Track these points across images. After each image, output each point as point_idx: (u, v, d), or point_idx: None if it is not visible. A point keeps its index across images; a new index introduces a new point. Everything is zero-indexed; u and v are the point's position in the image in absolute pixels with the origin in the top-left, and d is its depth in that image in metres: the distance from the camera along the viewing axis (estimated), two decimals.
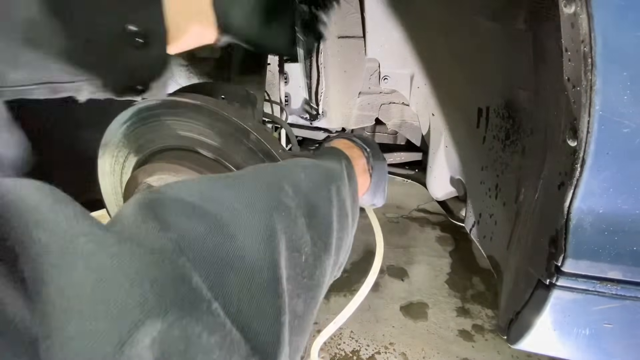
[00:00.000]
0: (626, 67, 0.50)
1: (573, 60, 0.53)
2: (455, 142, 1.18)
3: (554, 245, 0.63)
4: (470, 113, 1.08)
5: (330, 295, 1.57)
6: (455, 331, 1.42)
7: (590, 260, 0.61)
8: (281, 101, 1.39)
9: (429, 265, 1.78)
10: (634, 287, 0.62)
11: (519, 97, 0.89)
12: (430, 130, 1.25)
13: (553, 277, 0.64)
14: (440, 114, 1.18)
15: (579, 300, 0.64)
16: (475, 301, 1.56)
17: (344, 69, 1.35)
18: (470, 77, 1.06)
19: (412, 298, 1.57)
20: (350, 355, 1.32)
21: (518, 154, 0.90)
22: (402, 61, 1.20)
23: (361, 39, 1.26)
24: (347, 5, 1.25)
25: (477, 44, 1.00)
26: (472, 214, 1.15)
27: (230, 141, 0.89)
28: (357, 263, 1.76)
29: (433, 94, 1.19)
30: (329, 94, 1.41)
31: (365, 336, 1.39)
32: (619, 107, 0.51)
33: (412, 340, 1.38)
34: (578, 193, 0.58)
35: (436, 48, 1.13)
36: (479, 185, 1.10)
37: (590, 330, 0.67)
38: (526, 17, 0.80)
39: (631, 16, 0.47)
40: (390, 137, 1.65)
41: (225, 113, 0.86)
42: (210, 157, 0.92)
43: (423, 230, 2.08)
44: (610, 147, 0.54)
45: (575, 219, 0.60)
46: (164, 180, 0.90)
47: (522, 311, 0.72)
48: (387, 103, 1.42)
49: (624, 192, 0.57)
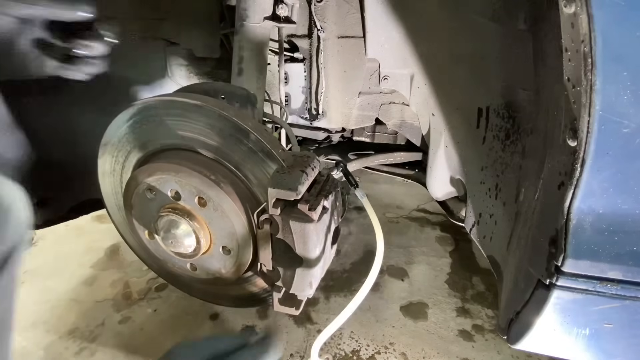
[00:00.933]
0: (626, 67, 0.50)
1: (573, 60, 0.53)
2: (455, 142, 1.18)
3: (554, 245, 0.63)
4: (470, 113, 1.08)
5: (330, 295, 1.57)
6: (455, 331, 1.42)
7: (590, 260, 0.61)
8: (281, 101, 1.39)
9: (429, 265, 1.78)
10: (634, 287, 0.62)
11: (519, 97, 0.89)
12: (430, 130, 1.25)
13: (553, 277, 0.64)
14: (440, 114, 1.18)
15: (579, 300, 0.64)
16: (475, 301, 1.56)
17: (344, 69, 1.36)
18: (470, 77, 1.06)
19: (412, 298, 1.57)
20: (350, 355, 1.32)
21: (518, 154, 0.90)
22: (402, 61, 1.20)
23: (361, 39, 1.26)
24: (347, 5, 1.25)
25: (477, 44, 1.00)
26: (472, 214, 1.15)
27: (230, 141, 0.89)
28: (357, 263, 1.76)
29: (433, 94, 1.19)
30: (329, 94, 1.41)
31: (365, 336, 1.39)
32: (619, 107, 0.51)
33: (412, 340, 1.38)
34: (578, 193, 0.58)
35: (436, 48, 1.13)
36: (479, 185, 1.10)
37: (590, 330, 0.67)
38: (526, 17, 0.80)
39: (631, 16, 0.47)
40: (390, 137, 1.65)
41: (225, 113, 0.86)
42: (210, 157, 0.92)
43: (423, 230, 2.08)
44: (610, 147, 0.54)
45: (575, 219, 0.60)
46: (164, 180, 0.91)
47: (522, 311, 0.72)
48: (387, 103, 1.42)
49: (624, 192, 0.57)
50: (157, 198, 0.93)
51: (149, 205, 0.95)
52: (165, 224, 0.90)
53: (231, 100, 1.05)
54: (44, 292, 1.61)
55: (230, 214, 0.87)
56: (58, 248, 1.91)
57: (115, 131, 0.99)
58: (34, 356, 1.31)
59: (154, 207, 0.94)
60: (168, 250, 0.95)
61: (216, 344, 0.63)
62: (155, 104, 0.92)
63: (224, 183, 0.88)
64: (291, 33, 1.36)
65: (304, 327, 1.43)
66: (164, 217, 0.90)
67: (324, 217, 0.83)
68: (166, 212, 0.90)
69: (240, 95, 1.07)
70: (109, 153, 1.03)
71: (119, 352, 1.32)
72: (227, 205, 0.87)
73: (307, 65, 1.39)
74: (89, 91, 1.28)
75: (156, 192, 0.92)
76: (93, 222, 2.11)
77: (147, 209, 0.96)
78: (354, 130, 1.68)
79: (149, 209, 0.95)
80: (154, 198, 0.93)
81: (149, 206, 0.95)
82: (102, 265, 1.77)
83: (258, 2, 1.07)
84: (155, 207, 0.94)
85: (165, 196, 0.92)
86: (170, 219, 0.90)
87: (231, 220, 0.88)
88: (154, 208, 0.94)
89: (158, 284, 1.63)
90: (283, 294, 0.92)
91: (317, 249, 0.82)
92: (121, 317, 1.47)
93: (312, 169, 0.85)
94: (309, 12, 1.29)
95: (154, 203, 0.94)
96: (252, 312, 1.49)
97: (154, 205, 0.94)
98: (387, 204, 2.35)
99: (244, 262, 0.92)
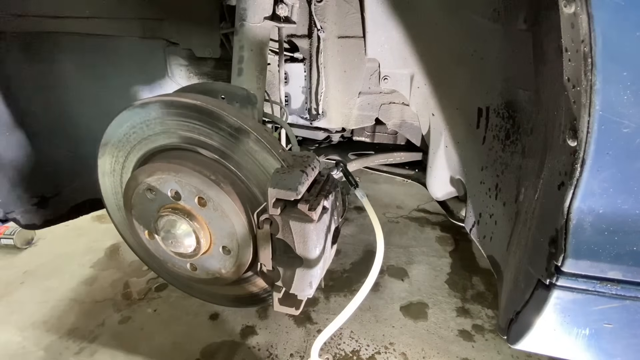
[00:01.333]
0: (626, 67, 0.50)
1: (573, 60, 0.53)
2: (455, 142, 1.18)
3: (554, 245, 0.63)
4: (470, 113, 1.08)
5: (330, 295, 1.57)
6: (455, 331, 1.42)
7: (590, 260, 0.61)
8: (281, 101, 1.39)
9: (429, 265, 1.78)
10: (634, 287, 0.62)
11: (519, 97, 0.89)
12: (430, 130, 1.25)
13: (553, 277, 0.64)
14: (440, 114, 1.18)
15: (579, 300, 0.64)
16: (475, 301, 1.56)
17: (344, 69, 1.35)
18: (470, 77, 1.06)
19: (412, 298, 1.57)
20: (350, 355, 1.32)
21: (518, 154, 0.90)
22: (402, 61, 1.20)
23: (361, 39, 1.26)
24: (347, 5, 1.25)
25: (477, 44, 1.00)
26: (472, 214, 1.15)
27: (230, 141, 0.89)
28: (357, 263, 1.76)
29: (433, 94, 1.19)
30: (329, 94, 1.41)
31: (365, 336, 1.39)
32: (619, 107, 0.51)
33: (412, 340, 1.38)
34: (578, 193, 0.58)
35: (436, 48, 1.13)
36: (479, 185, 1.10)
37: (590, 330, 0.67)
38: (526, 17, 0.80)
39: (631, 16, 0.47)
40: (390, 137, 1.65)
41: (225, 113, 0.86)
42: (210, 157, 0.92)
43: (423, 230, 2.08)
44: (610, 147, 0.54)
45: (575, 219, 0.60)
46: (164, 180, 0.91)
47: (522, 311, 0.72)
48: (387, 103, 1.42)
49: (624, 192, 0.57)
50: (157, 198, 0.93)
51: (149, 205, 0.95)
52: (165, 224, 0.90)
53: (231, 100, 1.05)
54: (44, 292, 1.61)
55: (230, 214, 0.87)
56: (58, 248, 1.91)
57: (115, 131, 0.99)
58: (34, 356, 1.31)
59: (154, 207, 0.94)
60: (168, 250, 0.95)
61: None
62: (156, 104, 0.92)
63: (224, 183, 0.88)
64: (291, 33, 1.36)
65: (304, 327, 1.43)
66: (164, 217, 0.90)
67: (324, 217, 0.82)
68: (166, 212, 0.90)
69: (240, 95, 1.07)
70: (109, 153, 1.03)
71: (119, 352, 1.32)
72: (227, 205, 0.87)
73: (307, 65, 1.39)
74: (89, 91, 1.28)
75: (156, 192, 0.92)
76: (93, 222, 2.11)
77: (147, 209, 0.96)
78: (354, 130, 1.68)
79: (149, 209, 0.95)
80: (154, 198, 0.93)
81: (149, 206, 0.95)
82: (102, 265, 1.78)
83: (258, 2, 1.07)
84: (155, 207, 0.94)
85: (165, 196, 0.92)
86: (171, 219, 0.90)
87: (231, 220, 0.88)
88: (154, 208, 0.94)
89: (158, 284, 1.64)
90: (283, 294, 0.92)
91: (317, 249, 0.82)
92: (121, 317, 1.47)
93: (312, 169, 0.85)
94: (309, 12, 1.29)
95: (154, 203, 0.94)
96: (252, 312, 1.49)
97: (154, 205, 0.94)
98: (387, 204, 2.35)
99: (244, 262, 0.92)
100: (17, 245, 1.89)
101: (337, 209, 0.95)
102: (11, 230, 1.89)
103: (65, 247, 1.92)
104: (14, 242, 1.88)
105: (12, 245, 1.88)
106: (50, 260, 1.83)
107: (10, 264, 1.81)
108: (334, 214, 0.91)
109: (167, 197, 0.91)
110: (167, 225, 0.90)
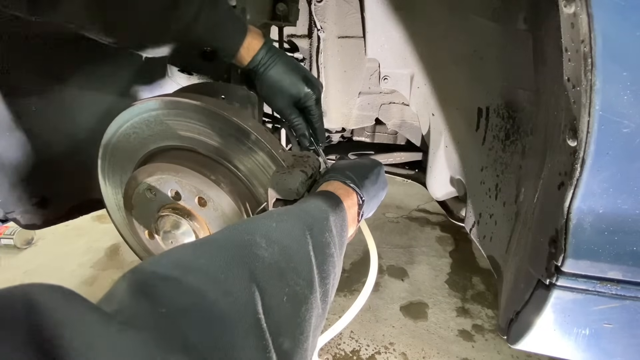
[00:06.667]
0: (626, 67, 0.50)
1: (573, 60, 0.53)
2: (455, 142, 1.18)
3: (554, 245, 0.63)
4: (470, 113, 1.08)
5: None
6: (455, 331, 1.42)
7: (590, 260, 0.61)
8: None
9: (429, 265, 1.78)
10: (634, 287, 0.62)
11: (519, 97, 0.89)
12: (430, 130, 1.25)
13: (553, 277, 0.64)
14: (440, 114, 1.18)
15: (579, 300, 0.64)
16: (475, 301, 1.56)
17: (344, 69, 1.35)
18: (470, 77, 1.06)
19: (412, 298, 1.57)
20: (350, 355, 1.32)
21: (518, 154, 0.90)
22: (402, 61, 1.20)
23: (361, 39, 1.26)
24: (347, 5, 1.25)
25: (477, 44, 1.00)
26: (472, 214, 1.15)
27: (230, 141, 0.89)
28: (357, 263, 1.76)
29: (433, 94, 1.19)
30: (329, 94, 1.41)
31: (365, 336, 1.39)
32: (619, 107, 0.51)
33: (412, 340, 1.38)
34: (578, 193, 0.58)
35: (436, 48, 1.13)
36: (479, 185, 1.10)
37: (590, 330, 0.67)
38: (526, 17, 0.80)
39: (631, 16, 0.47)
40: (390, 137, 1.65)
41: (225, 113, 0.86)
42: (211, 157, 0.92)
43: (423, 230, 2.08)
44: (610, 147, 0.54)
45: (575, 219, 0.60)
46: (164, 180, 0.90)
47: (522, 311, 0.72)
48: (387, 103, 1.42)
49: (624, 192, 0.57)
50: (157, 198, 0.93)
51: (149, 205, 0.95)
52: (165, 224, 0.90)
53: (231, 100, 1.05)
54: None
55: (230, 214, 0.87)
56: (58, 248, 1.90)
57: (115, 131, 0.99)
58: None
59: (154, 207, 0.94)
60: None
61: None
62: (156, 104, 0.92)
63: (224, 183, 0.88)
64: (291, 33, 1.36)
65: None
66: (164, 217, 0.90)
67: None
68: (166, 212, 0.90)
69: (240, 95, 1.07)
70: (109, 153, 1.03)
71: None
72: (227, 205, 0.87)
73: (307, 65, 1.39)
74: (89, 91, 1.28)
75: (156, 192, 0.92)
76: (93, 222, 2.11)
77: (147, 209, 0.96)
78: (354, 130, 1.68)
79: (149, 209, 0.95)
80: (154, 198, 0.93)
81: (149, 206, 0.95)
82: (102, 265, 1.77)
83: (258, 2, 1.07)
84: (155, 207, 0.94)
85: (165, 196, 0.92)
86: (170, 219, 0.90)
87: (231, 220, 0.88)
88: (154, 208, 0.94)
89: None
90: None
91: None
92: None
93: (312, 169, 0.85)
94: (309, 12, 1.29)
95: (154, 203, 0.94)
96: None
97: (154, 205, 0.94)
98: (387, 204, 2.35)
99: None
100: (17, 245, 1.89)
101: None
102: (11, 230, 1.89)
103: (65, 247, 1.92)
104: (14, 242, 1.88)
105: (12, 245, 1.88)
106: (50, 260, 1.83)
107: (10, 264, 1.81)
108: None
109: (167, 197, 0.91)
110: (167, 225, 0.90)
